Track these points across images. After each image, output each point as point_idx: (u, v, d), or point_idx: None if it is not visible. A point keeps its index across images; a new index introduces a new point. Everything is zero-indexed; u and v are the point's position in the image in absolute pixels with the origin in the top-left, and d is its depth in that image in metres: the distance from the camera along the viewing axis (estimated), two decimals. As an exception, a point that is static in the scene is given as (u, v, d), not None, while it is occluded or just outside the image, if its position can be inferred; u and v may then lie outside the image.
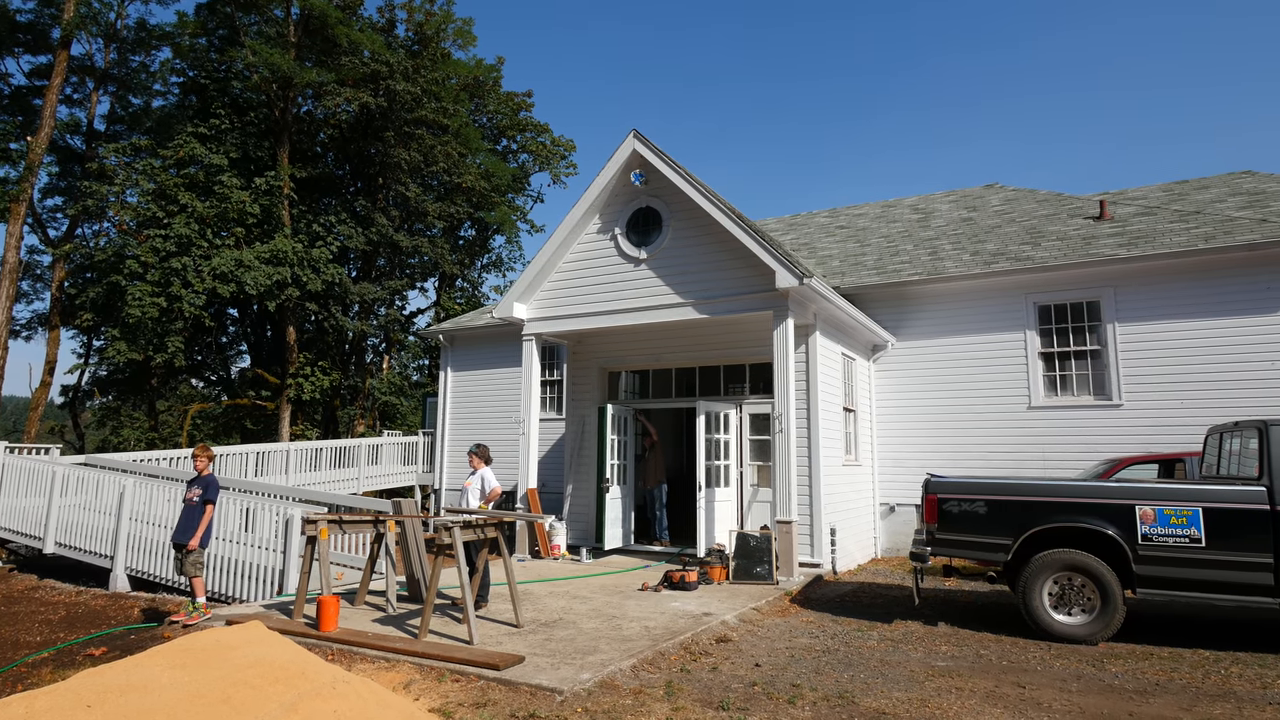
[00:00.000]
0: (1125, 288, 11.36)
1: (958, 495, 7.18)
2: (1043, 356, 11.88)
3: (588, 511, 12.05)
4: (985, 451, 11.95)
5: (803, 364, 10.32)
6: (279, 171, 23.01)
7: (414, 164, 25.14)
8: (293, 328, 24.29)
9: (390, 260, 27.71)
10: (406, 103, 24.44)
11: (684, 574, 8.68)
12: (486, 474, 8.03)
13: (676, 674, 5.55)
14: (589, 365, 12.63)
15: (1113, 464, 9.73)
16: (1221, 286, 10.77)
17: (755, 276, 9.84)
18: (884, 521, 12.60)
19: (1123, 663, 5.96)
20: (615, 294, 11.01)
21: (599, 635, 6.47)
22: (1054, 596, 6.76)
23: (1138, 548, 6.49)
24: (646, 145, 10.73)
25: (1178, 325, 10.97)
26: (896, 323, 12.93)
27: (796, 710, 4.82)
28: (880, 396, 12.95)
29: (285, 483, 15.35)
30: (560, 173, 31.29)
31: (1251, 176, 14.99)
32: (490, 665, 5.43)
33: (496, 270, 31.85)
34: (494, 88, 29.42)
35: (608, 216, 11.29)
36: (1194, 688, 5.32)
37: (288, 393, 23.48)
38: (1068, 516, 6.74)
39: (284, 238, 22.19)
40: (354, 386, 26.90)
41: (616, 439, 11.70)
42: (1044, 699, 5.07)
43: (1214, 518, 6.32)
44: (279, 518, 9.32)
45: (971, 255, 13.06)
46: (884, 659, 6.06)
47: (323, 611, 6.49)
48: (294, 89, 23.68)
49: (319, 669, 4.57)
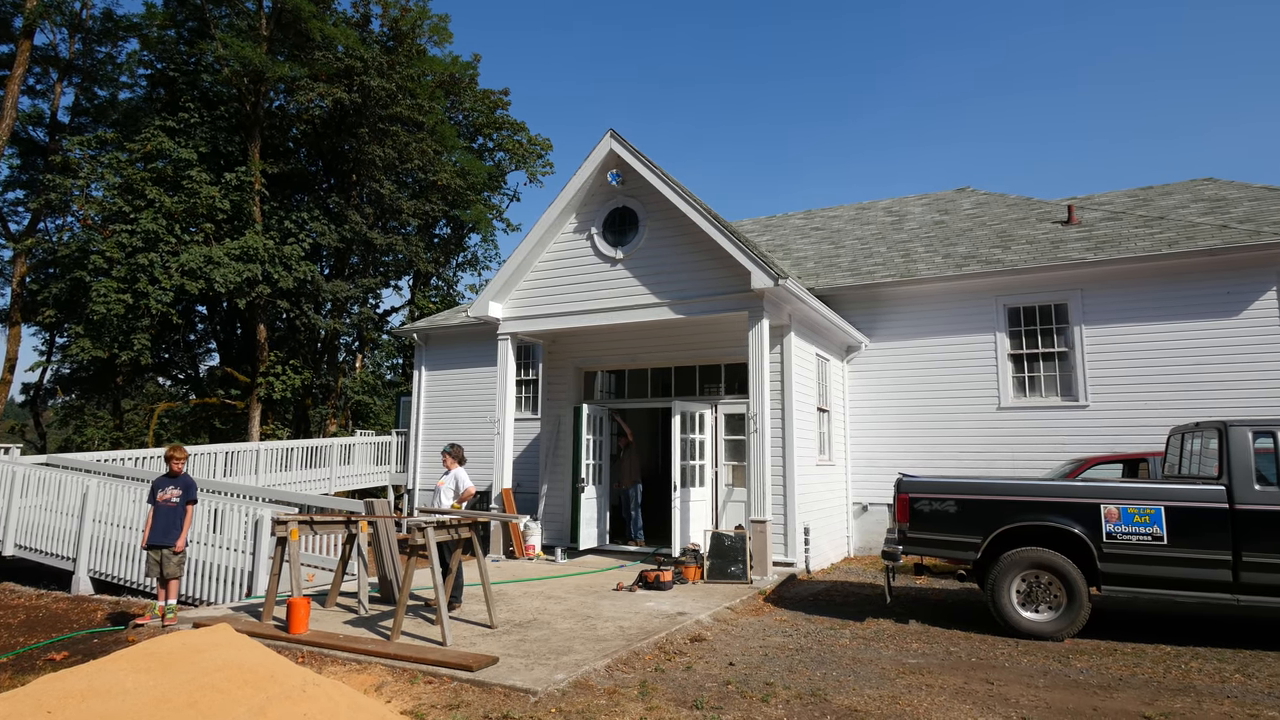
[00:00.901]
0: (1092, 291, 11.60)
1: (929, 495, 7.27)
2: (1012, 358, 12.08)
3: (563, 511, 12.02)
4: (957, 451, 12.13)
5: (777, 364, 10.39)
6: (250, 167, 22.65)
7: (388, 161, 24.88)
8: (263, 326, 23.92)
9: (364, 258, 27.40)
10: (381, 99, 24.19)
11: (659, 574, 8.70)
12: (460, 474, 7.98)
13: (651, 673, 5.56)
14: (565, 365, 12.60)
15: (1079, 464, 9.92)
16: (1184, 291, 11.04)
17: (731, 277, 9.89)
18: (857, 521, 12.73)
19: (1088, 658, 6.09)
20: (591, 294, 11.00)
21: (573, 635, 6.46)
22: (1022, 594, 6.88)
23: (1102, 546, 6.63)
24: (623, 145, 10.73)
25: (1142, 328, 11.22)
26: (870, 324, 13.07)
27: (770, 708, 4.85)
28: (854, 397, 13.08)
29: (255, 483, 15.11)
30: (537, 172, 31.17)
31: (1213, 183, 15.39)
32: (464, 666, 5.40)
33: (472, 269, 31.66)
34: (470, 85, 29.21)
35: (584, 216, 11.28)
36: (1156, 682, 5.45)
37: (258, 392, 23.11)
38: (1035, 515, 6.86)
39: (255, 234, 21.84)
40: (326, 386, 26.56)
41: (592, 439, 11.69)
42: (1011, 695, 5.16)
43: (1175, 516, 6.47)
44: (248, 518, 9.17)
45: (944, 258, 13.24)
46: (856, 657, 6.13)
47: (293, 613, 6.41)
48: (266, 83, 23.32)
49: (289, 672, 4.51)
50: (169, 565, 7.49)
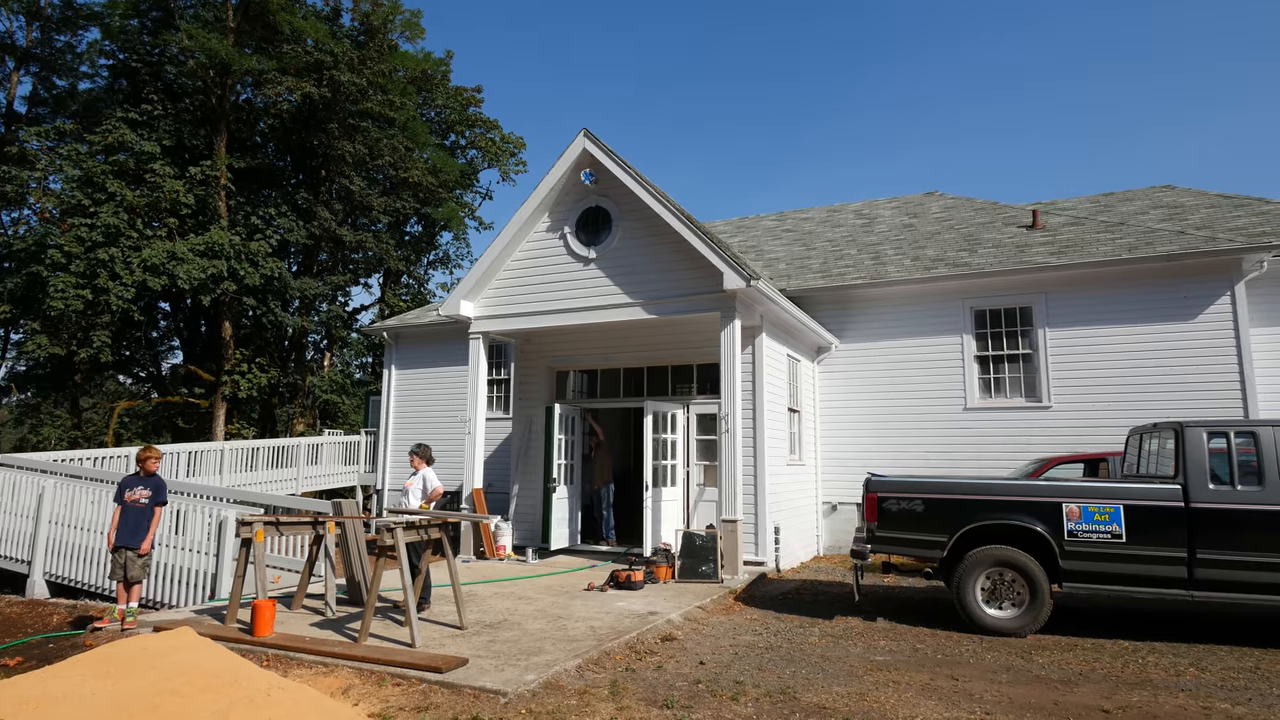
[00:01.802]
0: (1055, 294, 11.85)
1: (897, 494, 7.37)
2: (978, 360, 12.29)
3: (534, 512, 11.97)
4: (924, 451, 12.31)
5: (749, 365, 10.45)
6: (215, 161, 22.20)
7: (359, 157, 24.56)
8: (229, 323, 23.47)
9: (333, 255, 27.01)
10: (351, 94, 23.86)
11: (630, 573, 8.71)
12: (428, 474, 7.90)
13: (622, 673, 5.57)
14: (537, 364, 12.55)
15: (1042, 463, 10.13)
16: (1143, 295, 11.32)
17: (703, 278, 9.93)
18: (826, 520, 12.86)
19: (1049, 654, 6.22)
20: (564, 293, 10.97)
21: (544, 636, 6.44)
22: (986, 591, 7.01)
23: (1064, 543, 6.78)
24: (597, 145, 10.72)
25: (1103, 331, 11.49)
26: (840, 325, 13.22)
27: (739, 707, 4.88)
28: (824, 397, 13.21)
29: (219, 483, 14.82)
30: (510, 170, 31.01)
31: (1171, 190, 15.80)
32: (433, 668, 5.35)
33: (443, 267, 31.40)
34: (443, 82, 28.95)
35: (557, 215, 11.24)
36: (1114, 677, 5.58)
37: (223, 390, 22.68)
38: (999, 514, 6.99)
39: (220, 230, 21.42)
40: (293, 384, 26.14)
41: (564, 439, 11.66)
42: (975, 690, 5.25)
43: (1134, 514, 6.64)
44: (212, 520, 9.00)
45: (912, 260, 13.43)
46: (825, 654, 6.19)
47: (257, 616, 6.30)
48: (232, 76, 22.88)
49: (253, 675, 4.43)
50: (134, 568, 7.32)
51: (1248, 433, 6.58)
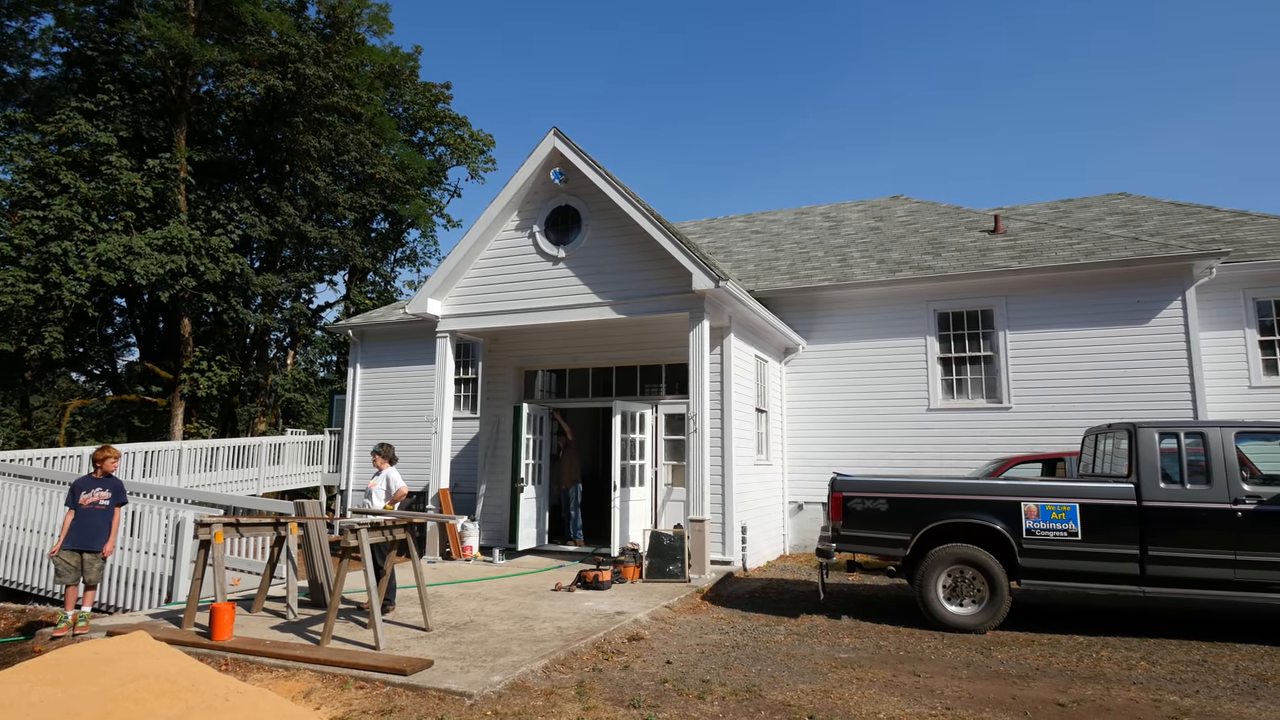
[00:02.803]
0: (1016, 297, 12.11)
1: (861, 493, 7.48)
2: (941, 361, 12.52)
3: (501, 512, 11.90)
4: (888, 451, 12.50)
5: (717, 365, 10.51)
6: (175, 153, 21.66)
7: (324, 152, 24.14)
8: (188, 320, 22.91)
9: (297, 251, 26.52)
10: (317, 88, 23.45)
11: (598, 573, 8.70)
12: (392, 474, 7.81)
13: (589, 673, 5.56)
14: (505, 364, 12.47)
15: (1002, 463, 10.35)
16: (1099, 299, 11.63)
17: (673, 278, 9.96)
18: (793, 519, 12.99)
19: (1008, 650, 6.36)
20: (533, 292, 10.92)
21: (511, 637, 6.40)
22: (948, 589, 7.14)
23: (1022, 541, 6.94)
24: (567, 144, 10.69)
25: (1061, 334, 11.77)
26: (807, 326, 13.35)
27: (706, 705, 4.91)
28: (791, 398, 13.34)
29: (177, 484, 14.46)
30: (479, 168, 30.73)
31: (1126, 198, 16.26)
32: (397, 670, 5.29)
33: (411, 265, 30.99)
34: (411, 77, 28.58)
35: (526, 214, 11.19)
36: (1069, 671, 5.73)
37: (181, 388, 22.13)
38: (961, 513, 7.13)
39: (179, 224, 20.90)
40: (255, 383, 25.62)
41: (532, 438, 11.61)
42: (937, 686, 5.35)
43: (1089, 513, 6.82)
44: (169, 521, 8.78)
45: (878, 263, 13.63)
46: (790, 652, 6.26)
47: (216, 619, 6.16)
48: (193, 67, 22.33)
49: (211, 680, 4.34)
50: (91, 570, 7.12)
51: (1197, 433, 6.80)
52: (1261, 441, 7.52)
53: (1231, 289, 11.60)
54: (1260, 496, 6.50)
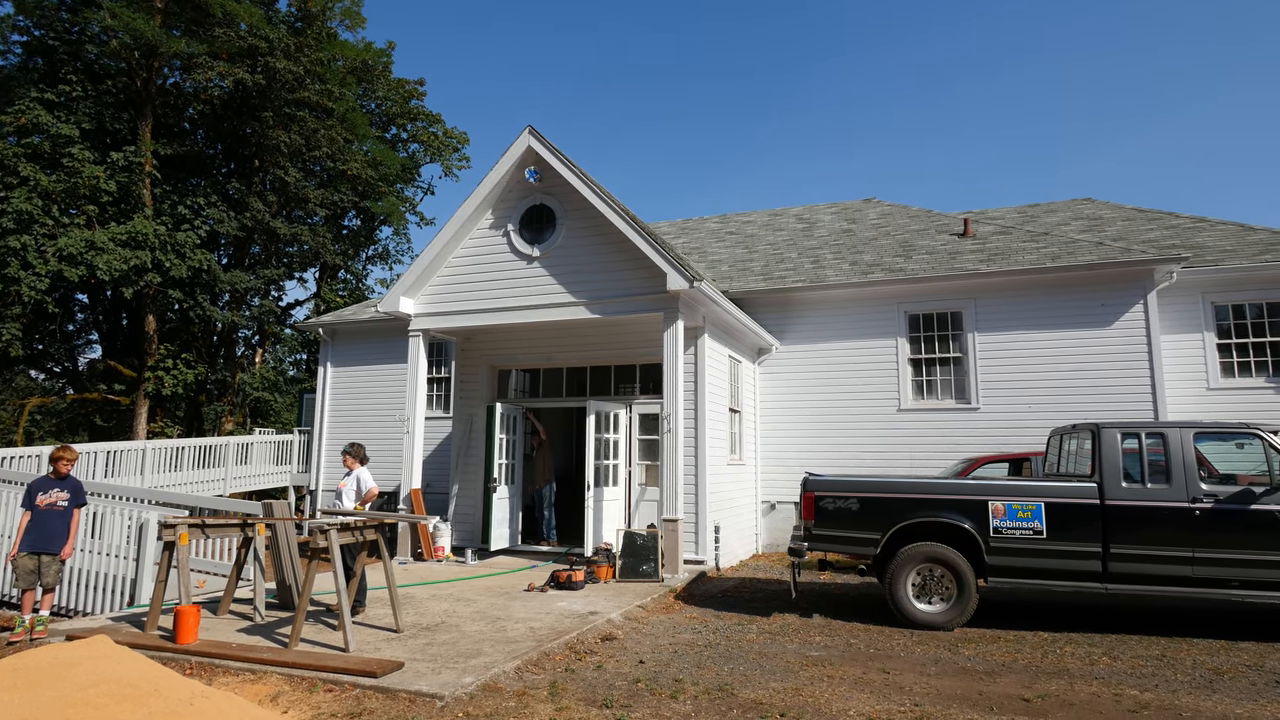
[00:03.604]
0: (984, 300, 12.31)
1: (833, 493, 7.55)
2: (912, 362, 12.68)
3: (474, 512, 11.82)
4: (860, 451, 12.63)
5: (691, 365, 10.55)
6: (140, 147, 21.18)
7: (295, 147, 23.77)
8: (153, 316, 22.42)
9: (266, 248, 26.07)
10: (287, 82, 23.08)
11: (571, 573, 8.68)
12: (362, 474, 7.72)
13: (561, 674, 5.55)
14: (478, 363, 12.39)
15: (970, 463, 10.52)
16: (1065, 302, 11.87)
17: (647, 278, 9.97)
18: (765, 519, 13.07)
19: (975, 646, 6.46)
20: (507, 291, 10.86)
21: (483, 638, 6.37)
22: (917, 587, 7.24)
23: (990, 540, 7.06)
24: (542, 142, 10.65)
25: (1028, 336, 11.99)
26: (781, 327, 13.45)
27: (678, 704, 4.93)
28: (764, 398, 13.42)
29: (141, 484, 14.15)
30: (452, 165, 30.47)
31: (1091, 203, 16.62)
32: (367, 673, 5.23)
33: (383, 263, 30.64)
34: (384, 73, 28.25)
35: (501, 212, 11.13)
36: (1034, 667, 5.84)
37: (145, 387, 21.65)
38: (930, 512, 7.23)
39: (144, 219, 20.44)
40: (222, 381, 25.15)
41: (505, 438, 11.55)
42: (905, 683, 5.42)
43: (1054, 511, 6.96)
44: (132, 522, 8.59)
45: (850, 265, 13.77)
46: (762, 651, 6.30)
47: (180, 622, 6.05)
48: (159, 58, 21.85)
49: (174, 685, 4.26)
50: (49, 573, 6.94)
51: (1157, 434, 6.97)
52: (1218, 442, 7.74)
53: (1191, 293, 11.91)
54: (1217, 495, 6.68)
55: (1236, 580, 6.58)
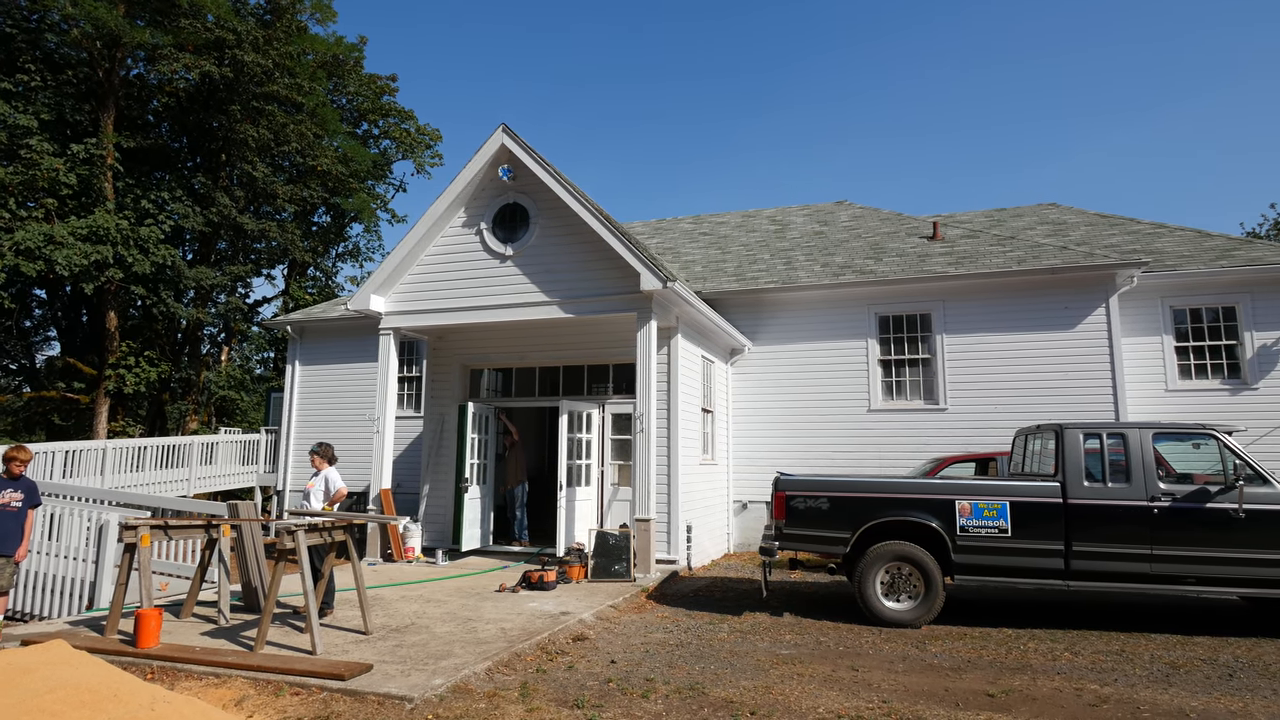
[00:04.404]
0: (953, 302, 12.51)
1: (804, 492, 7.62)
2: (882, 363, 12.84)
3: (445, 512, 11.73)
4: (830, 451, 12.76)
5: (664, 366, 10.57)
6: (101, 139, 20.67)
7: (263, 142, 23.37)
8: (114, 313, 21.89)
9: (233, 244, 25.61)
10: (256, 75, 22.68)
11: (543, 574, 8.65)
12: (331, 474, 7.61)
13: (532, 675, 5.53)
14: (450, 362, 12.29)
15: (938, 462, 10.68)
16: (1030, 304, 12.11)
17: (621, 278, 9.97)
18: (737, 518, 13.15)
19: (941, 643, 6.57)
20: (479, 290, 10.79)
21: (453, 639, 6.32)
22: (885, 585, 7.34)
23: (956, 538, 7.18)
24: (515, 140, 10.60)
25: (995, 338, 12.21)
26: (753, 328, 13.54)
27: (649, 704, 4.94)
28: (736, 398, 13.50)
29: (101, 485, 13.81)
30: (425, 162, 30.18)
31: (1056, 208, 16.97)
32: (334, 675, 5.17)
33: (353, 260, 30.27)
34: (355, 68, 27.88)
35: (474, 210, 11.05)
36: (999, 663, 5.96)
37: (106, 385, 21.15)
38: (898, 511, 7.33)
39: (106, 213, 19.95)
40: (187, 379, 24.65)
41: (477, 438, 11.47)
42: (874, 680, 5.49)
43: (1018, 510, 7.10)
44: (91, 524, 8.39)
45: (822, 266, 13.91)
46: (733, 650, 6.34)
47: (141, 626, 5.92)
48: (122, 49, 21.33)
49: (135, 690, 4.17)
50: (2, 576, 6.76)
51: (1118, 434, 7.15)
52: (1176, 442, 7.95)
53: (1150, 297, 12.22)
54: (1174, 494, 6.87)
55: (1192, 577, 6.76)
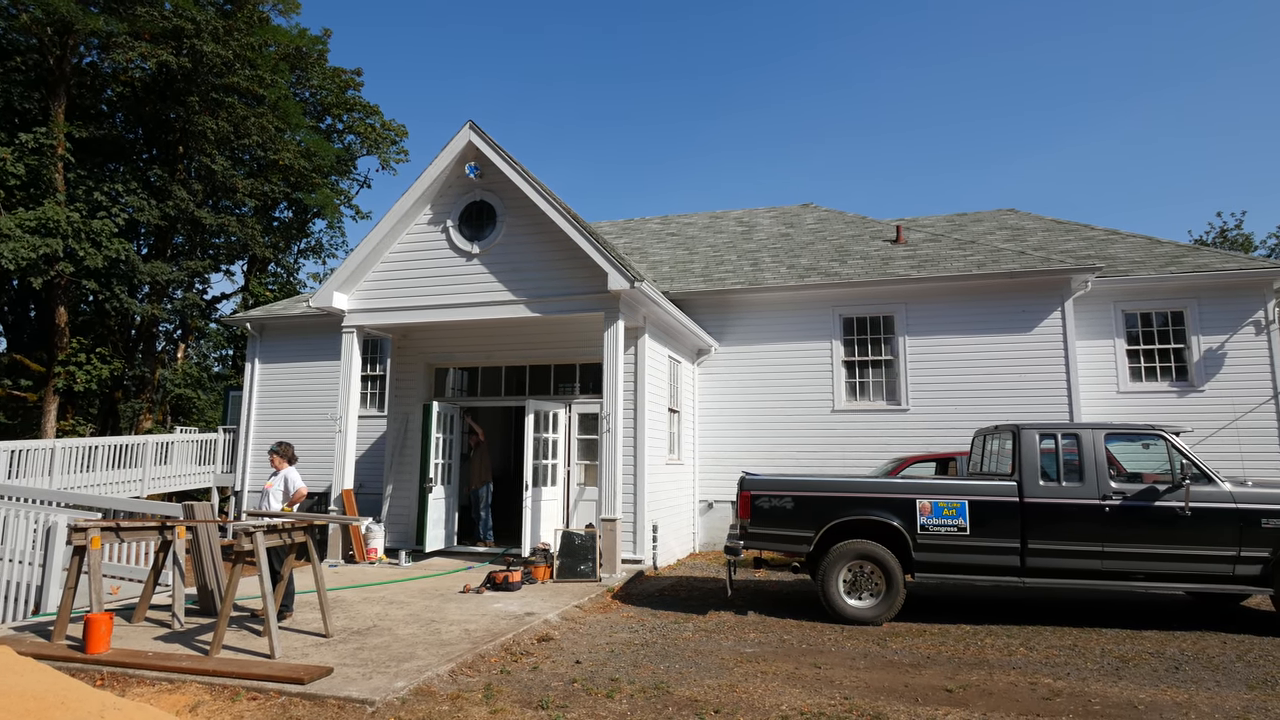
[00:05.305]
0: (915, 304, 12.74)
1: (768, 492, 7.69)
2: (846, 364, 13.02)
3: (409, 513, 11.59)
4: (795, 451, 12.90)
5: (631, 365, 10.58)
6: (52, 128, 20.00)
7: (223, 134, 22.82)
8: (64, 308, 21.19)
9: (190, 238, 24.96)
10: (215, 66, 22.14)
11: (508, 574, 8.60)
12: (290, 474, 7.47)
13: (496, 676, 5.49)
14: (415, 361, 12.15)
15: (900, 462, 10.86)
16: (989, 308, 12.38)
17: (589, 278, 9.95)
18: (703, 518, 13.21)
19: (902, 640, 6.68)
20: (445, 288, 10.69)
21: (416, 641, 6.25)
22: (848, 583, 7.44)
23: (917, 536, 7.31)
24: (482, 138, 10.52)
25: (955, 340, 12.46)
26: (720, 328, 13.62)
27: (614, 704, 4.94)
28: (703, 398, 13.57)
29: (49, 485, 13.36)
30: (390, 158, 29.74)
31: (1014, 214, 17.37)
32: (293, 679, 5.07)
33: (316, 256, 29.70)
34: (319, 61, 27.37)
35: (440, 208, 10.94)
36: (957, 659, 6.08)
37: (55, 382, 20.47)
38: (861, 510, 7.44)
39: (56, 204, 19.30)
40: (141, 377, 23.97)
41: (442, 437, 11.36)
42: (836, 677, 5.56)
43: (977, 509, 7.25)
44: (38, 526, 8.12)
45: (788, 268, 14.05)
46: (698, 649, 6.37)
47: (91, 631, 5.74)
48: (75, 36, 20.67)
49: (83, 696, 4.05)
50: None
51: (1072, 434, 7.34)
52: (1126, 442, 8.19)
53: (1103, 302, 12.58)
54: (1125, 493, 7.08)
55: (1142, 573, 6.98)
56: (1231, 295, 12.19)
